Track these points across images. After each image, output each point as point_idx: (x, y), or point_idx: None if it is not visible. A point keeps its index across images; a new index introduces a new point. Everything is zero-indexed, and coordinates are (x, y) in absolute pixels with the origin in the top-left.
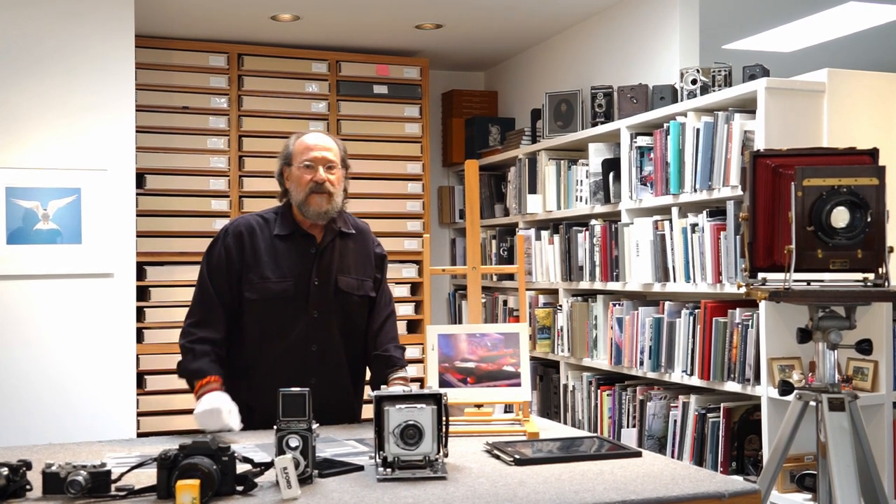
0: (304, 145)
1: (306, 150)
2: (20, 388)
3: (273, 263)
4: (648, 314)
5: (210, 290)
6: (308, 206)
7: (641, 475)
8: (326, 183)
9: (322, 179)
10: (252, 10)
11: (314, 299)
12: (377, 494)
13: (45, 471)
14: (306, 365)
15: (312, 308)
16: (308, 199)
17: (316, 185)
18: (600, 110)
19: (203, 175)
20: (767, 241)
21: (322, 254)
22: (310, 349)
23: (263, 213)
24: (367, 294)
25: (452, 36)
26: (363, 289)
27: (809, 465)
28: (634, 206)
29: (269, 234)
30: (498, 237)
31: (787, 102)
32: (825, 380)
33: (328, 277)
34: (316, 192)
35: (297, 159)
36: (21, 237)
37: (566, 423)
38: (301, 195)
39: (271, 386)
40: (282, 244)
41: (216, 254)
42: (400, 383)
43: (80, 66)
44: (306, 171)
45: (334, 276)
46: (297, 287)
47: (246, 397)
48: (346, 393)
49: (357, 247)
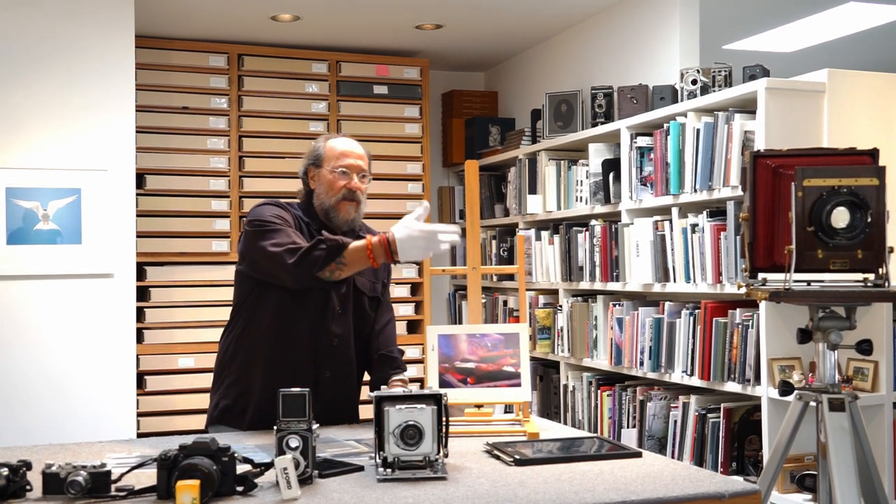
0: (339, 150)
1: (342, 156)
2: (20, 388)
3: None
4: (648, 314)
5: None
6: (337, 212)
7: (641, 475)
8: (358, 192)
9: (356, 187)
10: (252, 10)
11: (337, 294)
12: (377, 495)
13: (45, 471)
14: (325, 358)
15: (336, 303)
16: (338, 205)
17: (349, 192)
18: (600, 110)
19: (203, 175)
20: (767, 241)
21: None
22: (332, 343)
23: (290, 202)
24: (377, 296)
25: (452, 36)
26: (374, 290)
27: (809, 465)
28: (634, 206)
29: (302, 222)
30: (498, 237)
31: (788, 103)
32: (825, 380)
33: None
34: (347, 198)
35: (331, 163)
36: (21, 237)
37: (566, 423)
38: (332, 200)
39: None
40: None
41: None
42: (399, 385)
43: (80, 67)
44: (341, 176)
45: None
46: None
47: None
48: (353, 391)
49: None
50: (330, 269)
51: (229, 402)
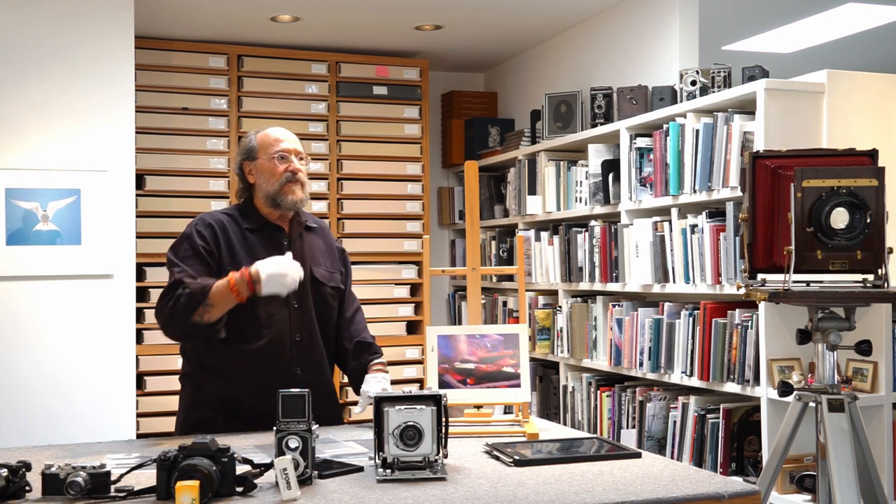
0: (273, 137)
1: (276, 142)
2: (20, 389)
3: (248, 255)
4: (648, 315)
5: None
6: (283, 195)
7: (641, 476)
8: (300, 173)
9: (297, 169)
10: (252, 11)
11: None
12: (377, 495)
13: (45, 472)
14: (292, 355)
15: (293, 298)
16: (283, 188)
17: (291, 174)
18: (600, 111)
19: (202, 176)
20: (767, 242)
21: (293, 245)
22: (294, 339)
23: (226, 210)
24: (337, 285)
25: (452, 37)
26: (334, 280)
27: (809, 465)
28: (634, 207)
29: (238, 227)
30: (498, 238)
31: (787, 103)
32: (825, 381)
33: (303, 268)
34: (291, 181)
35: (266, 151)
36: (21, 238)
37: (566, 424)
38: (275, 186)
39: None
40: (253, 237)
41: (186, 244)
42: (380, 368)
43: (80, 67)
44: (280, 161)
45: (308, 266)
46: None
47: (228, 393)
48: (328, 382)
49: (322, 240)
50: (199, 313)
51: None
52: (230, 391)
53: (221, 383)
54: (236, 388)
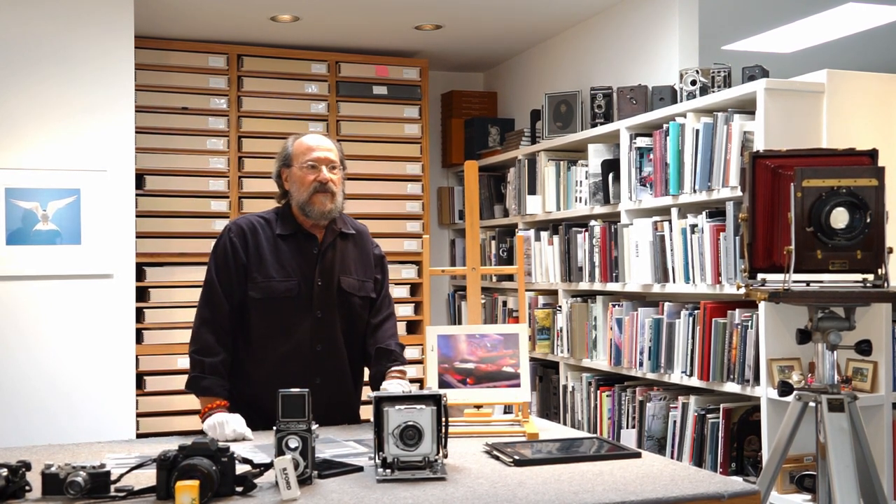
0: (306, 146)
1: (308, 151)
2: (20, 388)
3: (277, 263)
4: (648, 315)
5: (217, 289)
6: (312, 205)
7: (641, 476)
8: (330, 183)
9: (326, 179)
10: (251, 10)
11: (318, 299)
12: (377, 495)
13: (45, 472)
14: (311, 364)
15: (316, 308)
16: (312, 198)
17: (320, 184)
18: (600, 111)
19: (202, 176)
20: (767, 241)
21: (324, 254)
22: (315, 349)
23: (264, 214)
24: (368, 295)
25: (452, 37)
26: (364, 290)
27: (809, 465)
28: (634, 206)
29: (271, 233)
30: (497, 238)
31: (787, 103)
32: (824, 381)
33: (331, 278)
34: (320, 191)
35: (299, 160)
36: (20, 238)
37: (566, 423)
38: (304, 195)
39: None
40: (284, 244)
41: (220, 252)
42: (397, 375)
43: (80, 67)
44: (310, 171)
45: (336, 276)
46: (301, 287)
47: (249, 396)
48: (348, 393)
49: (357, 248)
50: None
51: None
52: (252, 392)
53: (246, 385)
54: (258, 391)
